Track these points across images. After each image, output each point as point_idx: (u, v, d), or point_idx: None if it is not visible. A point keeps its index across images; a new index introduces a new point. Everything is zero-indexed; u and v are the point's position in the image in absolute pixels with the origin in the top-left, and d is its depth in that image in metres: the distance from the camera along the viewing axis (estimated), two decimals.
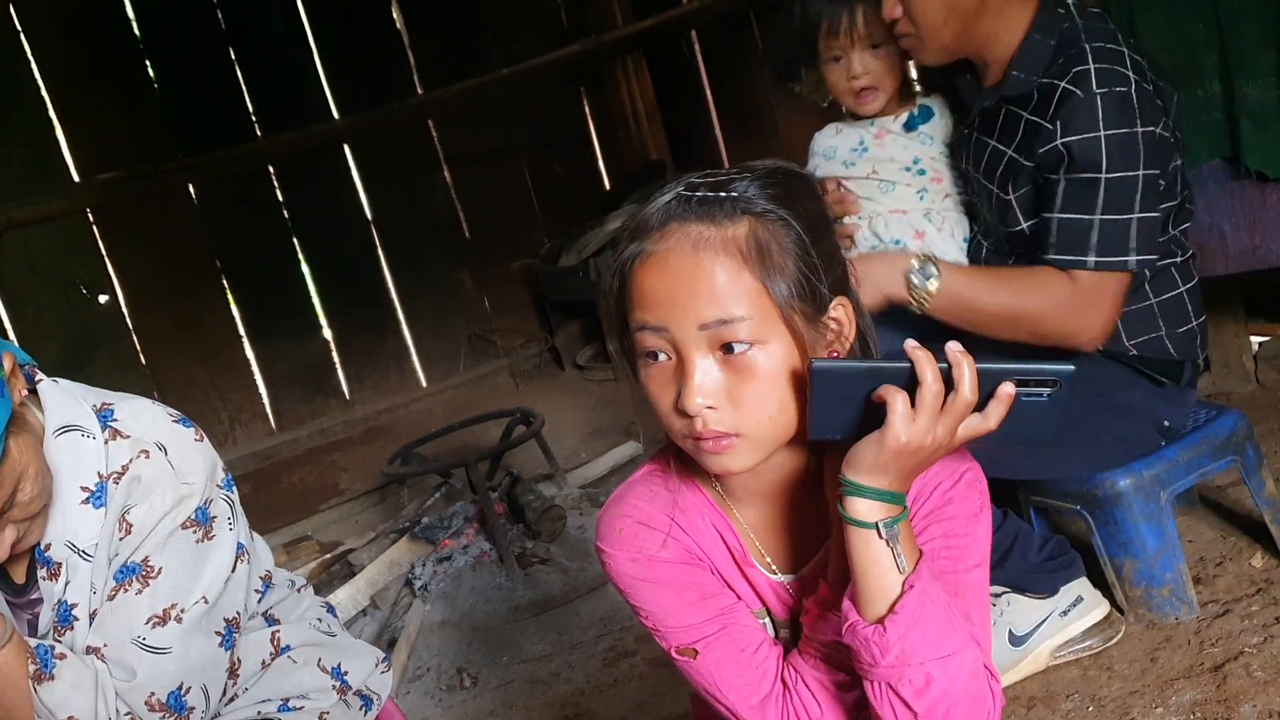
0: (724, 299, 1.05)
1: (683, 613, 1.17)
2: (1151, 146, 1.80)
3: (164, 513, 1.30)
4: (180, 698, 1.30)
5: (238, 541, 1.38)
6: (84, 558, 1.30)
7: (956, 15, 1.87)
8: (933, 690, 1.04)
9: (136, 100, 4.51)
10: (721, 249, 1.06)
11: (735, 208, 1.08)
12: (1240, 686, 1.79)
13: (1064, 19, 1.88)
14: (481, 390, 4.92)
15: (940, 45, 1.92)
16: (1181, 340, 1.98)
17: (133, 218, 4.51)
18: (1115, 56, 1.80)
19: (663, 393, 1.09)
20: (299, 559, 3.61)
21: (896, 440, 1.00)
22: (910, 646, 1.04)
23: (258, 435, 4.75)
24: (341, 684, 1.53)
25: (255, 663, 1.47)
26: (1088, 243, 1.82)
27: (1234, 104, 2.30)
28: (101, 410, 1.34)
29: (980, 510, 1.16)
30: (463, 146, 5.05)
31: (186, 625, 1.31)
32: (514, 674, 2.73)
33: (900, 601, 1.04)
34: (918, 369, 0.99)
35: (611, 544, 1.19)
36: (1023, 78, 1.88)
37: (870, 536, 1.05)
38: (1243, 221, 2.42)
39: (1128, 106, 1.77)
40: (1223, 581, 2.12)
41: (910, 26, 1.91)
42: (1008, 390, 0.99)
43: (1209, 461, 2.05)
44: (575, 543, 3.19)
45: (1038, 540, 2.01)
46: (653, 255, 1.08)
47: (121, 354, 4.52)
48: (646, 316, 1.08)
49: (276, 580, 1.56)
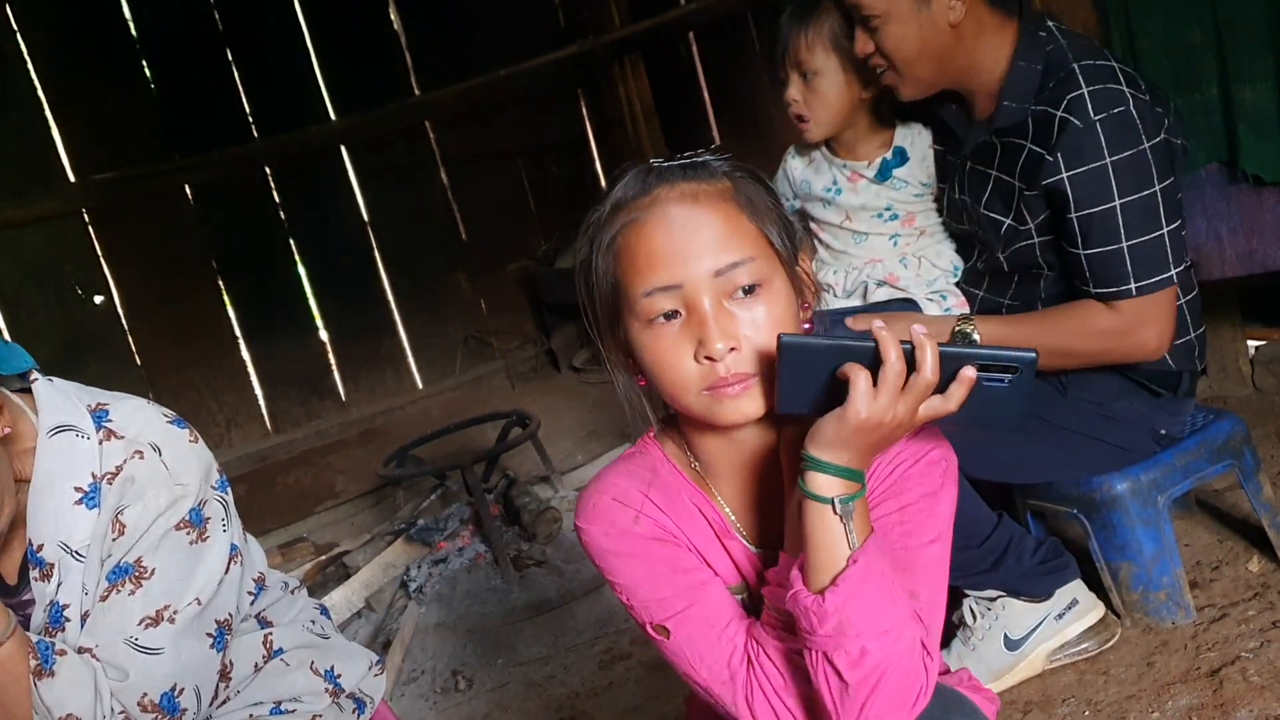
0: (732, 242, 1.10)
1: (653, 586, 1.19)
2: (1161, 158, 1.78)
3: (158, 514, 1.30)
4: (173, 699, 1.30)
5: (231, 543, 1.38)
6: (76, 558, 1.29)
7: (930, 50, 1.87)
8: (866, 663, 1.06)
9: (133, 101, 4.51)
10: (719, 198, 1.12)
11: (715, 169, 1.14)
12: (1237, 691, 1.79)
13: (1047, 41, 1.85)
14: (477, 392, 4.91)
15: (918, 80, 1.92)
16: (1180, 353, 1.97)
17: (128, 219, 4.51)
18: (1106, 73, 1.79)
19: (675, 349, 1.11)
20: (294, 561, 3.61)
21: (857, 416, 1.03)
22: (847, 618, 1.05)
23: (253, 437, 4.74)
24: (334, 687, 1.52)
25: (248, 665, 1.46)
26: (1124, 272, 1.81)
27: (1232, 108, 2.30)
28: (96, 410, 1.33)
29: (940, 488, 1.18)
30: (459, 148, 5.05)
31: (179, 626, 1.30)
32: (509, 676, 2.73)
33: (842, 574, 1.06)
34: (881, 348, 1.02)
35: (586, 519, 1.22)
36: (1014, 107, 1.86)
37: (825, 511, 1.07)
38: (1240, 226, 2.42)
39: (1129, 125, 1.75)
40: (1219, 586, 2.12)
41: (884, 61, 1.91)
42: (969, 374, 1.02)
43: (1206, 466, 2.04)
44: (571, 545, 3.18)
45: (1032, 544, 2.00)
46: (649, 218, 1.11)
47: (116, 355, 4.52)
48: (655, 278, 1.10)
49: (270, 582, 1.56)
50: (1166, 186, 1.79)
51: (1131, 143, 1.76)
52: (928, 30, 1.85)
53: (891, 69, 1.91)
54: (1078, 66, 1.79)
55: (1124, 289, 1.82)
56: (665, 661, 1.22)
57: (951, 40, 1.86)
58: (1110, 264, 1.81)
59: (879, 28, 1.87)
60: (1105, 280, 1.83)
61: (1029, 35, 1.86)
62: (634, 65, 5.06)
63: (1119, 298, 1.82)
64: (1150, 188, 1.78)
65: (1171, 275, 1.82)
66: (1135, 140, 1.76)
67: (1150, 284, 1.81)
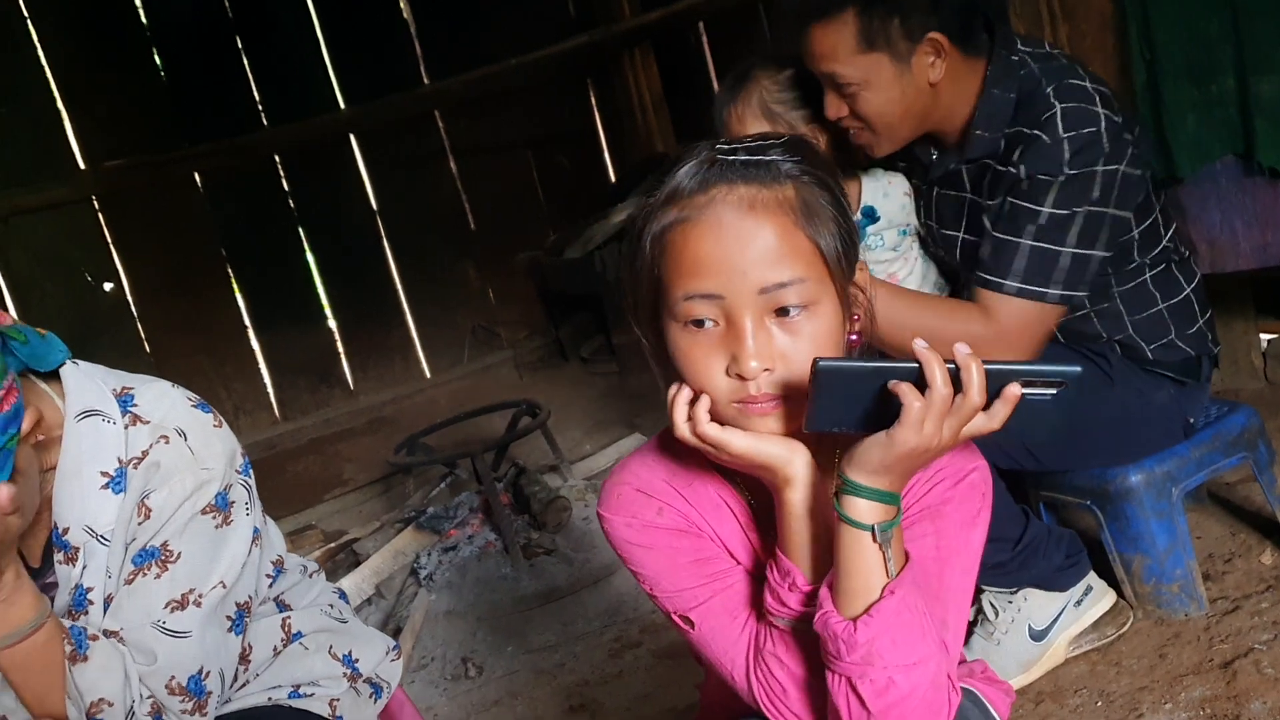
0: (784, 261, 1.04)
1: (675, 576, 1.17)
2: (1108, 185, 1.73)
3: (184, 498, 1.30)
4: (200, 681, 1.30)
5: (254, 526, 1.38)
6: (102, 542, 1.30)
7: (913, 111, 1.83)
8: (891, 694, 1.04)
9: (143, 88, 4.51)
10: (778, 209, 1.05)
11: (779, 170, 1.07)
12: (1250, 683, 1.79)
13: (1019, 66, 1.81)
14: (485, 382, 4.91)
15: (898, 140, 1.88)
16: (1193, 339, 1.97)
17: (138, 206, 4.51)
18: (1080, 93, 1.75)
19: (708, 358, 1.06)
20: (304, 548, 3.61)
21: (905, 444, 0.99)
22: (878, 649, 1.03)
23: (262, 425, 4.75)
24: (352, 671, 1.52)
25: (267, 649, 1.46)
26: (1011, 266, 1.75)
27: (1248, 100, 2.29)
28: (122, 395, 1.34)
29: (978, 515, 1.15)
30: (469, 138, 5.05)
31: (205, 610, 1.31)
32: (519, 664, 2.73)
33: (877, 605, 1.04)
34: (926, 371, 0.97)
35: (609, 509, 1.20)
36: (987, 136, 1.83)
37: (864, 538, 1.03)
38: (1255, 218, 2.41)
39: (1095, 147, 1.72)
40: (1232, 578, 2.12)
41: (857, 123, 1.85)
42: (1014, 392, 0.97)
43: (1220, 458, 2.04)
44: (580, 534, 3.19)
45: (1055, 540, 2.00)
46: (702, 219, 1.05)
47: (126, 343, 4.52)
48: (698, 284, 1.05)
49: (288, 565, 1.56)
50: (1095, 212, 1.74)
51: (1089, 162, 1.72)
52: (909, 94, 1.80)
53: (868, 130, 1.86)
54: (1052, 89, 1.76)
55: (1003, 282, 1.75)
56: (676, 650, 1.22)
57: (931, 98, 1.82)
58: (1004, 252, 1.76)
59: (857, 94, 1.81)
60: (993, 266, 1.77)
61: (1000, 63, 1.82)
62: (644, 55, 5.05)
63: (995, 289, 1.76)
64: (1079, 206, 1.73)
65: (1048, 293, 1.74)
66: (1094, 160, 1.72)
67: (1026, 289, 1.74)
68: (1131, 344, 1.95)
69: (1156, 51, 2.39)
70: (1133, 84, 2.47)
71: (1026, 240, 1.75)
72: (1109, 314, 1.94)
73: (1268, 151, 2.30)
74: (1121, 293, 1.93)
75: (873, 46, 1.77)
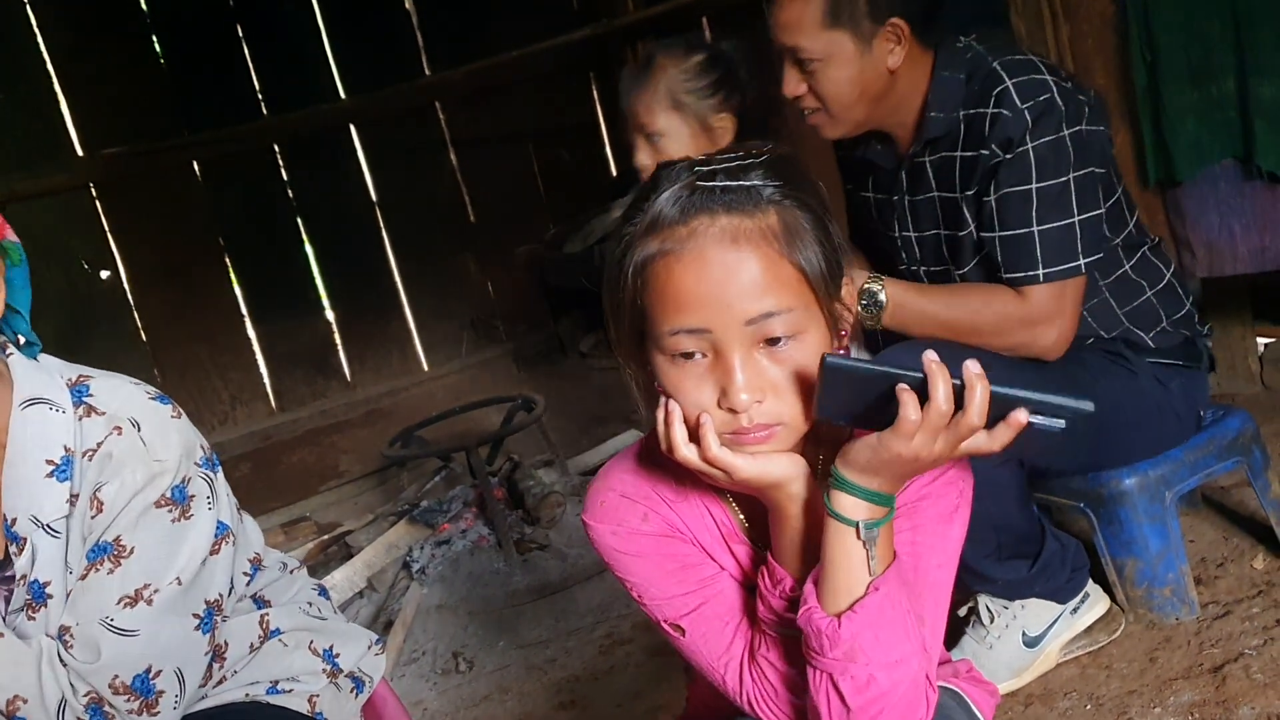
0: (769, 291, 1.02)
1: (663, 584, 1.17)
2: (1080, 146, 1.78)
3: (135, 490, 1.26)
4: (147, 681, 1.26)
5: (219, 522, 1.34)
6: (49, 533, 1.27)
7: (869, 93, 1.87)
8: (871, 690, 1.04)
9: (142, 75, 4.49)
10: (761, 239, 1.03)
11: (760, 195, 1.05)
12: (1240, 688, 1.79)
13: (965, 50, 1.86)
14: (483, 375, 4.90)
15: (852, 122, 1.91)
16: (1183, 321, 1.99)
17: (136, 194, 4.50)
18: (1028, 66, 1.80)
19: (697, 390, 1.05)
20: (297, 540, 3.61)
21: (891, 451, 0.99)
22: (860, 646, 1.03)
23: (258, 415, 4.74)
24: (332, 667, 1.50)
25: (243, 645, 1.44)
26: (1033, 258, 1.79)
27: (1248, 103, 2.28)
28: (76, 385, 1.31)
29: (955, 511, 1.15)
30: (469, 129, 5.03)
31: (158, 607, 1.27)
32: (510, 659, 2.73)
33: (861, 601, 1.04)
34: (930, 386, 0.96)
35: (594, 516, 1.19)
36: (941, 116, 1.86)
37: (849, 534, 1.04)
38: (1253, 222, 2.40)
39: (1053, 111, 1.76)
40: (1224, 583, 2.11)
41: (816, 102, 1.90)
42: (1020, 419, 0.96)
43: (1215, 462, 2.03)
44: (574, 529, 3.18)
45: (1061, 553, 1.98)
46: (685, 253, 1.03)
47: (122, 331, 4.51)
48: (684, 320, 1.03)
49: (268, 562, 1.54)
50: (1082, 176, 1.79)
51: (1052, 129, 1.77)
52: (868, 74, 1.84)
53: (823, 110, 1.90)
54: (998, 64, 1.81)
55: (1032, 274, 1.80)
56: (667, 648, 1.21)
57: (887, 83, 1.86)
58: (1021, 247, 1.80)
59: (817, 71, 1.85)
60: (1015, 264, 1.81)
61: (946, 51, 1.87)
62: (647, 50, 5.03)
63: (1028, 283, 1.80)
64: (1065, 175, 1.78)
65: (1080, 265, 1.80)
66: (1056, 127, 1.77)
67: (1057, 271, 1.79)
68: (1132, 337, 1.95)
69: (1157, 53, 2.38)
70: (1133, 86, 2.46)
71: (1035, 228, 1.78)
72: (1100, 310, 1.94)
73: (1267, 155, 2.29)
74: (1107, 285, 1.94)
75: (837, 23, 1.82)
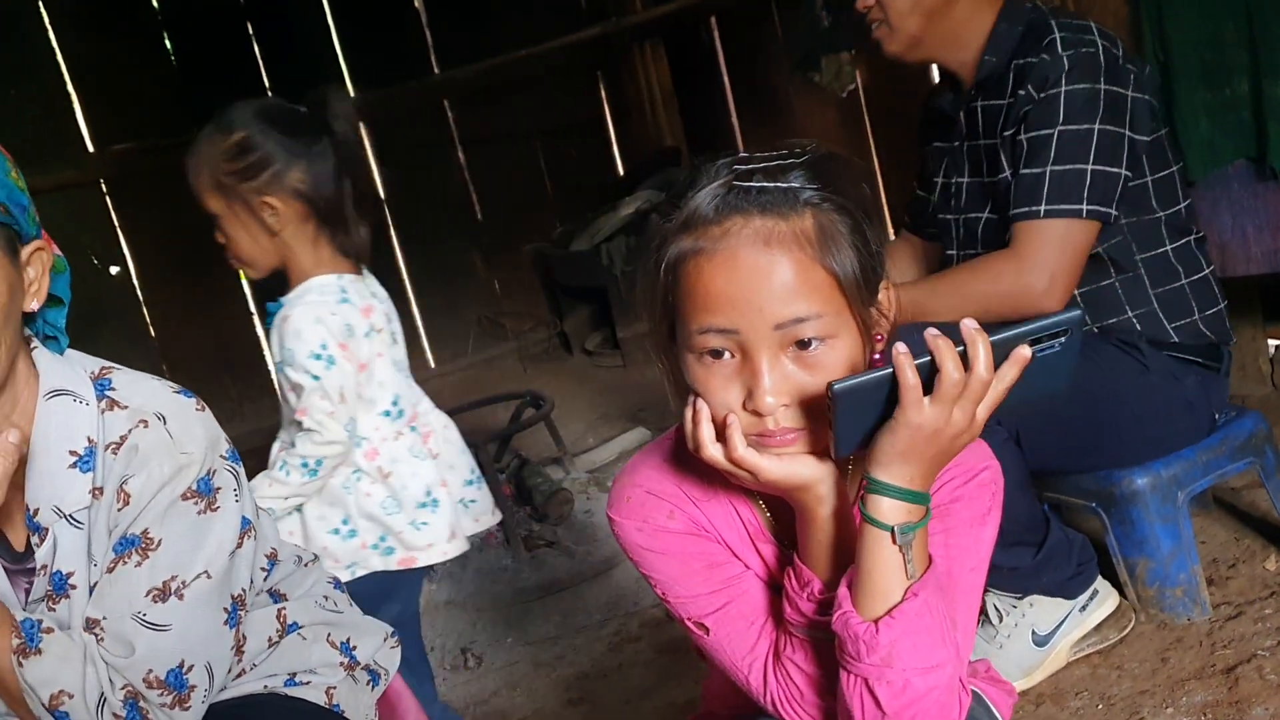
0: (800, 296, 1.01)
1: (689, 582, 1.16)
2: (1113, 104, 1.83)
3: (162, 483, 1.26)
4: (181, 675, 1.26)
5: (243, 516, 1.34)
6: (72, 524, 1.27)
7: (923, 5, 1.94)
8: (907, 694, 1.03)
9: (153, 72, 4.50)
10: (794, 243, 1.02)
11: (797, 198, 1.04)
12: (1252, 689, 1.78)
13: (1032, 10, 1.94)
14: (489, 373, 4.91)
15: (908, 34, 1.98)
16: (1212, 322, 1.99)
17: (146, 190, 4.49)
18: (1082, 29, 1.87)
19: (724, 390, 1.05)
20: None
21: (910, 424, 0.98)
22: (898, 652, 1.03)
23: (266, 411, 4.71)
24: (350, 660, 1.51)
25: (261, 639, 1.44)
26: (1039, 193, 1.84)
27: (1262, 104, 2.28)
28: (99, 378, 1.31)
29: (988, 513, 1.15)
30: (477, 128, 5.04)
31: (188, 601, 1.27)
32: (518, 655, 2.73)
33: (899, 607, 1.03)
34: (937, 357, 0.96)
35: (620, 512, 1.18)
36: (994, 61, 1.95)
37: (884, 538, 1.03)
38: (1267, 223, 2.40)
39: (1094, 64, 1.82)
40: (1236, 584, 2.11)
41: (881, 13, 1.98)
42: (1024, 354, 0.97)
43: (1227, 463, 2.03)
44: (582, 526, 3.19)
45: (1068, 547, 1.99)
46: (717, 253, 1.03)
47: (131, 327, 4.51)
48: (714, 319, 1.03)
49: (283, 556, 1.54)
50: (1108, 130, 1.83)
51: (1089, 78, 1.82)
52: None
53: (884, 22, 1.98)
54: (1055, 22, 1.89)
55: (1034, 209, 1.84)
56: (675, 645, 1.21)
57: (946, 7, 1.95)
58: (1032, 184, 1.85)
59: None
60: (1022, 199, 1.86)
61: (1013, 3, 1.96)
62: (654, 49, 5.04)
63: (1028, 218, 1.84)
64: (1090, 123, 1.82)
65: (1082, 209, 1.82)
66: (1094, 78, 1.82)
67: (1058, 210, 1.82)
68: (1155, 321, 1.95)
69: (1170, 54, 2.38)
70: None
71: (1048, 168, 1.83)
72: (1133, 283, 1.95)
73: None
74: (1144, 260, 1.95)
75: None
